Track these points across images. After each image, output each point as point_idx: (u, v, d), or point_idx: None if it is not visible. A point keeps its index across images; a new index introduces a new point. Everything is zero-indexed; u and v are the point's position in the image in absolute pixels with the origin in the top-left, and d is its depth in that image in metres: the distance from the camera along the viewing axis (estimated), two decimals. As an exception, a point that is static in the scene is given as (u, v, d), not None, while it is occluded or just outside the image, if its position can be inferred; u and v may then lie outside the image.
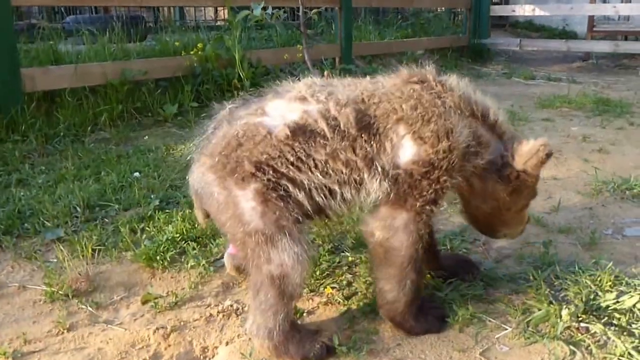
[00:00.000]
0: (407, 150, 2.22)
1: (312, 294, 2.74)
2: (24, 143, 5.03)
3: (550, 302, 2.48)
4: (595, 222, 3.45)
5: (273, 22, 5.80)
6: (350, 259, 2.98)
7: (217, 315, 2.61)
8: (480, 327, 2.43)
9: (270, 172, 2.17)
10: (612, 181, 4.06)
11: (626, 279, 2.65)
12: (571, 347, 2.26)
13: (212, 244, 3.20)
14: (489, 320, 2.46)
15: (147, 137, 5.61)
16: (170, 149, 5.08)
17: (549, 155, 2.33)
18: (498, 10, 13.01)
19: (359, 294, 2.70)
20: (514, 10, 13.17)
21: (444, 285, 2.69)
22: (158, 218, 3.51)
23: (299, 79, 2.45)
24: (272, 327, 2.23)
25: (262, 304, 2.22)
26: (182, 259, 3.08)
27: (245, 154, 2.17)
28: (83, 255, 3.10)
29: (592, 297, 2.51)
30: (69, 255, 3.06)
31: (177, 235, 3.27)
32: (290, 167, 2.17)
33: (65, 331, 2.50)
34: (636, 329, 2.31)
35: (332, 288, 2.75)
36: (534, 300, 2.53)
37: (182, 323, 2.55)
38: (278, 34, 9.41)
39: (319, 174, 2.19)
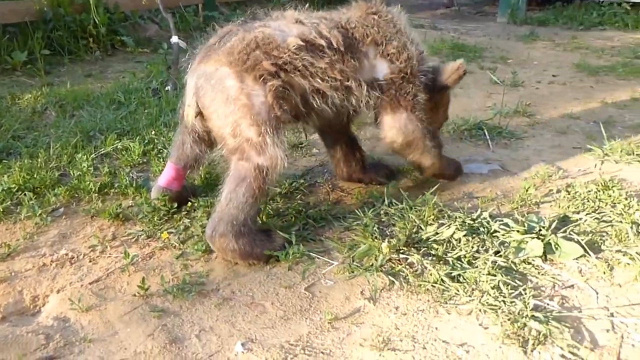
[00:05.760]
0: (381, 67, 2.79)
1: (148, 239, 2.74)
2: None
3: (376, 237, 2.58)
4: (433, 161, 3.59)
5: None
6: (189, 204, 2.96)
7: (51, 264, 2.56)
8: (308, 264, 2.50)
9: (282, 74, 2.52)
10: (452, 122, 4.21)
11: (449, 212, 2.80)
12: (390, 277, 2.37)
13: (50, 193, 3.10)
14: (318, 257, 2.54)
15: (-11, 85, 5.29)
16: (16, 98, 4.82)
17: (465, 72, 3.04)
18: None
19: (195, 237, 2.71)
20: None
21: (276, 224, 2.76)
22: (-7, 169, 3.34)
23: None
24: (241, 223, 2.48)
25: (239, 197, 2.48)
26: (18, 210, 2.97)
27: (264, 55, 2.50)
28: None
29: (415, 230, 2.64)
30: None
31: (14, 185, 3.14)
32: (297, 72, 2.55)
33: None
34: (451, 257, 2.45)
35: (169, 233, 2.74)
36: (361, 236, 2.62)
37: (12, 274, 2.48)
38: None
39: (319, 80, 2.59)
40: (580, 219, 2.76)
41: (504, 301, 2.20)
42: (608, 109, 4.72)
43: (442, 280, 2.32)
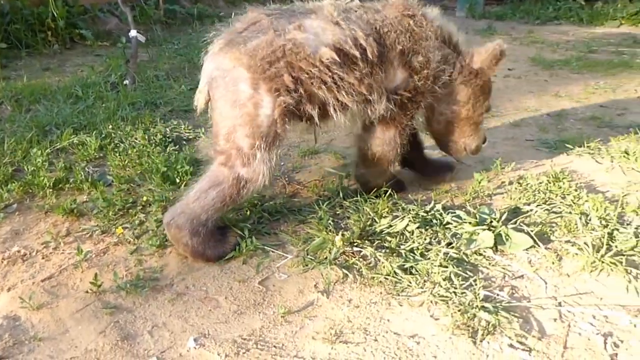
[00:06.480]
0: (400, 76, 2.67)
1: (103, 234, 2.71)
2: None
3: (330, 230, 2.60)
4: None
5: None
6: (145, 198, 2.95)
7: (2, 262, 2.53)
8: (263, 258, 2.51)
9: (301, 90, 2.44)
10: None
11: (403, 205, 2.83)
12: (344, 270, 2.39)
13: (3, 190, 3.06)
14: (272, 251, 2.56)
15: (-61, 80, 5.18)
16: (-31, 92, 4.74)
17: (502, 53, 2.87)
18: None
19: (150, 232, 2.70)
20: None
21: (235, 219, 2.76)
22: (-58, 166, 3.28)
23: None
24: (201, 222, 2.45)
25: (208, 198, 2.45)
26: (-32, 207, 2.92)
27: (288, 68, 2.40)
28: None
29: (369, 223, 2.66)
30: None
31: (-36, 183, 3.09)
32: (323, 86, 2.46)
33: None
34: (403, 249, 2.48)
35: (124, 228, 2.73)
36: (315, 229, 2.64)
37: (-38, 272, 2.44)
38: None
39: (344, 94, 2.51)
40: (531, 210, 2.82)
41: (454, 292, 2.23)
42: (561, 102, 4.81)
43: (394, 272, 2.35)
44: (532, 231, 2.59)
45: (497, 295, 2.25)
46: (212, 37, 2.59)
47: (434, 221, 2.71)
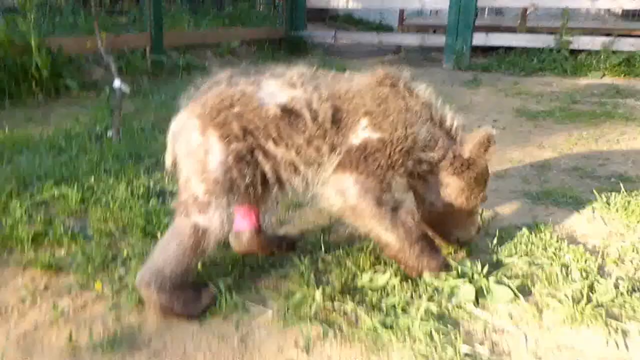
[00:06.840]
0: (363, 135, 2.50)
1: (81, 290, 2.68)
2: None
3: (311, 285, 2.58)
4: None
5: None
6: (125, 253, 2.93)
7: (-25, 317, 2.48)
8: (243, 314, 2.48)
9: (251, 139, 2.41)
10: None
11: (385, 259, 2.82)
12: (325, 326, 2.36)
13: (-20, 237, 3.03)
14: (253, 307, 2.53)
15: None
16: (-50, 143, 4.73)
17: (489, 139, 2.68)
18: (314, 2, 12.95)
19: (130, 287, 2.66)
20: (329, 3, 13.36)
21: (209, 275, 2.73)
22: None
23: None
24: (166, 276, 2.39)
25: (169, 250, 2.41)
26: (-59, 257, 2.89)
27: (236, 116, 2.39)
28: None
29: (351, 277, 2.65)
30: None
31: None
32: (270, 140, 2.42)
33: None
34: (385, 304, 2.46)
35: (103, 283, 2.69)
36: (297, 284, 2.62)
37: None
38: (84, 19, 8.92)
39: (293, 152, 2.45)
40: (512, 262, 2.81)
41: (435, 347, 2.21)
42: (545, 153, 4.86)
43: (375, 328, 2.32)
44: (513, 284, 2.58)
45: (478, 351, 2.23)
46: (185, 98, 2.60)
47: (416, 275, 2.70)
